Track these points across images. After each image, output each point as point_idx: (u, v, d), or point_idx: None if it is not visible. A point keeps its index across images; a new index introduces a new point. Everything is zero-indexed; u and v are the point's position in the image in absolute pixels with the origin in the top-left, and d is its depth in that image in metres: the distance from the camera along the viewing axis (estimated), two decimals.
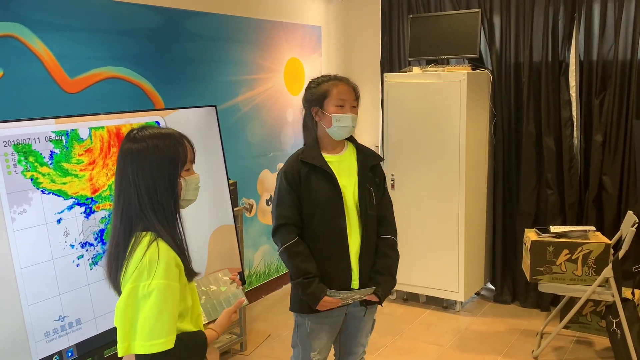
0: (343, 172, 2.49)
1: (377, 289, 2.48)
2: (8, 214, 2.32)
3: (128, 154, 1.70)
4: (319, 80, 2.54)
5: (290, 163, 2.52)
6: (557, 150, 4.44)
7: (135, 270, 1.61)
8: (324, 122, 2.48)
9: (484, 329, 4.29)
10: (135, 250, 1.65)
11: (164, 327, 1.59)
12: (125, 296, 1.60)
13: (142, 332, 1.58)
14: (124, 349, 1.60)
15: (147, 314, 1.58)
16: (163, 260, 1.62)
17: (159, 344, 1.58)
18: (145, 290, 1.59)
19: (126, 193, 1.69)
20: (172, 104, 3.86)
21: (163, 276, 1.60)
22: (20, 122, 2.43)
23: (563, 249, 3.60)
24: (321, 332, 2.55)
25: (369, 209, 2.49)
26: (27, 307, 2.36)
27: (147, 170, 1.68)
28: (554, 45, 4.39)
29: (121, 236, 1.69)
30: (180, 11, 3.97)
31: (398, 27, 5.13)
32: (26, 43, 3.08)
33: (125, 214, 1.69)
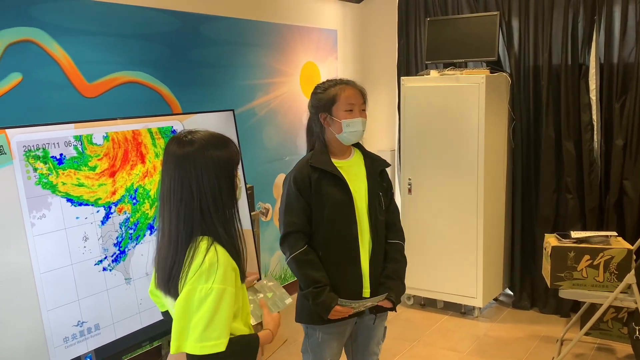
0: (353, 178, 2.44)
1: (390, 295, 2.42)
2: (28, 219, 2.32)
3: (189, 157, 1.68)
4: (325, 86, 2.48)
5: (299, 168, 2.46)
6: (577, 154, 4.39)
7: (195, 273, 1.63)
8: (333, 128, 2.42)
9: (503, 335, 4.24)
10: (196, 254, 1.66)
11: (216, 330, 1.61)
12: (183, 297, 1.63)
13: (195, 333, 1.61)
14: (176, 347, 1.64)
15: (201, 316, 1.61)
16: (222, 264, 1.65)
17: (209, 346, 1.61)
18: (203, 293, 1.62)
19: (188, 197, 1.67)
20: (189, 109, 3.86)
21: (221, 281, 1.63)
22: (40, 127, 2.43)
23: (584, 254, 3.55)
24: (332, 341, 2.51)
25: (379, 214, 2.46)
26: (47, 313, 2.35)
27: (211, 173, 1.68)
28: (573, 47, 4.34)
29: (182, 241, 1.68)
30: (197, 15, 3.97)
31: (415, 30, 5.10)
32: (45, 48, 3.09)
33: (188, 218, 1.68)
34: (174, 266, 1.68)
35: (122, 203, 2.67)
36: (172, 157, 1.70)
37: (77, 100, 3.23)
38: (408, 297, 4.74)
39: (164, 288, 1.74)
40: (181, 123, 3.02)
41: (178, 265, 1.67)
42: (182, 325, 1.63)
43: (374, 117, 5.43)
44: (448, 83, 4.38)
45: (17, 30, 2.95)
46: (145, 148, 2.80)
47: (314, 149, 2.52)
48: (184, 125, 3.04)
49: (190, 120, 3.08)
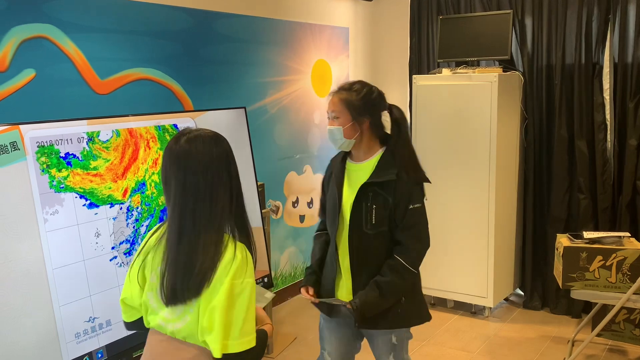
0: (352, 183, 2.37)
1: (353, 300, 2.30)
2: (40, 214, 2.33)
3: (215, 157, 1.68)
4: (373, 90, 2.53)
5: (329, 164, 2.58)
6: (590, 154, 4.35)
7: (231, 268, 1.62)
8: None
9: (513, 335, 4.22)
10: (223, 250, 1.65)
11: (252, 323, 1.64)
12: (224, 296, 1.60)
13: (236, 330, 1.61)
14: (220, 348, 1.60)
15: (239, 312, 1.61)
16: (250, 258, 1.68)
17: (247, 341, 1.62)
18: (239, 288, 1.62)
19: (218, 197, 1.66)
20: (200, 106, 3.87)
21: (251, 274, 1.66)
22: (53, 123, 2.44)
23: (597, 255, 3.52)
24: (330, 335, 2.52)
25: (364, 226, 2.31)
26: (59, 308, 2.37)
27: (232, 171, 1.71)
28: (587, 47, 4.30)
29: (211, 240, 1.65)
30: (209, 13, 3.98)
31: (427, 28, 5.08)
32: (58, 44, 3.10)
33: (217, 217, 1.66)
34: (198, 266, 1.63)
35: (134, 197, 2.68)
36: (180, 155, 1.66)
37: (90, 97, 3.25)
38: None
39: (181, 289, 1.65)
40: (194, 120, 3.02)
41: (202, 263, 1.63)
42: (226, 324, 1.60)
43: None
44: (460, 82, 4.36)
45: (30, 26, 2.97)
46: (155, 144, 2.81)
47: None
48: (195, 122, 3.04)
49: (203, 117, 3.09)
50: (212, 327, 1.61)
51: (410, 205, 2.32)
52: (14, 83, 2.91)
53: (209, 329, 1.62)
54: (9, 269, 2.23)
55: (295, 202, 4.90)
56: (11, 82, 2.90)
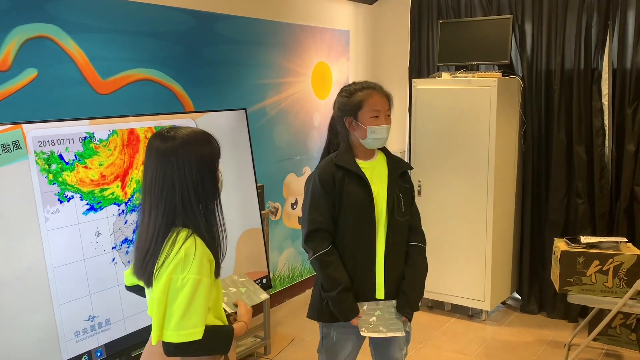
0: (375, 179, 2.45)
1: (406, 309, 2.44)
2: (42, 213, 2.35)
3: (171, 151, 1.74)
4: (351, 89, 2.46)
5: (323, 167, 2.45)
6: (588, 159, 4.37)
7: (171, 263, 1.69)
8: (358, 133, 2.42)
9: (510, 339, 4.24)
10: (174, 244, 1.72)
11: (192, 319, 1.68)
12: (160, 288, 1.69)
13: (171, 322, 1.68)
14: (156, 337, 1.70)
15: (177, 306, 1.68)
16: (198, 255, 1.71)
17: (185, 334, 1.67)
18: (179, 283, 1.68)
19: (170, 189, 1.74)
20: (201, 107, 3.88)
21: (196, 271, 1.69)
22: (55, 123, 2.46)
23: (594, 260, 3.54)
24: (347, 342, 2.50)
25: (397, 215, 2.45)
26: (59, 307, 2.38)
27: (193, 166, 1.76)
28: (586, 52, 4.33)
29: (161, 231, 1.74)
30: (211, 14, 3.99)
31: (427, 33, 5.10)
32: (60, 44, 3.11)
33: (168, 210, 1.75)
34: (150, 255, 1.74)
35: (135, 197, 2.69)
36: (155, 151, 1.77)
37: (91, 97, 3.26)
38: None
39: (139, 275, 1.81)
40: (194, 121, 3.04)
41: (154, 254, 1.74)
42: (161, 315, 1.69)
43: None
44: (460, 86, 4.38)
45: (33, 26, 2.98)
46: None
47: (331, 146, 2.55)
48: (196, 123, 3.05)
49: (203, 118, 3.10)
50: (152, 316, 1.73)
51: (414, 193, 2.60)
52: (16, 82, 2.92)
53: (151, 316, 1.74)
54: (10, 268, 2.24)
55: (294, 204, 4.91)
56: (13, 81, 2.91)
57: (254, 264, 3.42)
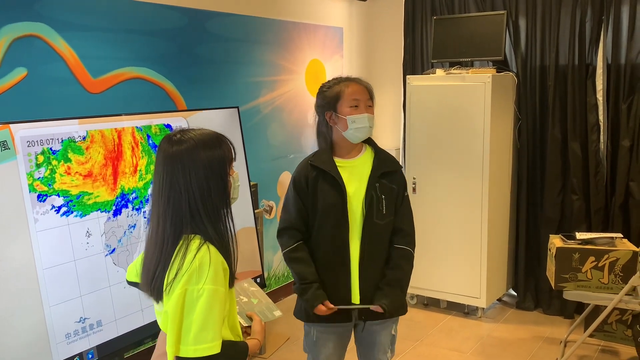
0: (354, 178, 2.37)
1: (382, 301, 2.34)
2: (31, 214, 2.32)
3: (176, 156, 1.65)
4: (330, 84, 2.44)
5: (299, 168, 2.44)
6: (583, 155, 4.36)
7: (185, 273, 1.59)
8: (339, 126, 2.37)
9: (506, 335, 4.23)
10: (186, 253, 1.62)
11: (209, 332, 1.58)
12: (175, 300, 1.59)
13: (188, 337, 1.58)
14: (172, 352, 1.60)
15: (195, 319, 1.58)
16: (213, 264, 1.61)
17: (203, 348, 1.57)
18: (195, 294, 1.58)
19: (177, 196, 1.65)
20: (193, 105, 3.85)
21: (212, 281, 1.59)
22: (44, 122, 2.43)
23: (589, 256, 3.53)
24: (328, 342, 2.48)
25: (375, 217, 2.35)
26: (49, 308, 2.35)
27: (200, 172, 1.65)
28: (580, 48, 4.31)
29: (170, 240, 1.64)
30: (203, 12, 3.96)
31: (421, 29, 5.08)
32: (50, 43, 3.08)
33: (176, 218, 1.65)
34: (160, 268, 1.64)
35: (125, 199, 2.67)
36: (162, 156, 1.68)
37: (82, 96, 3.23)
38: (411, 296, 4.73)
39: (147, 288, 1.70)
40: (186, 119, 3.01)
41: (163, 264, 1.64)
42: (177, 330, 1.59)
43: (379, 115, 5.40)
44: (454, 82, 4.36)
45: (22, 25, 2.95)
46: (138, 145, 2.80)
47: None
48: (188, 121, 3.03)
49: (195, 117, 3.07)
50: (166, 330, 1.62)
51: (406, 193, 2.47)
52: (5, 82, 2.89)
53: (165, 331, 1.64)
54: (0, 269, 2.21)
55: None
56: (2, 80, 2.88)
57: (248, 263, 3.40)
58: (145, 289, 1.72)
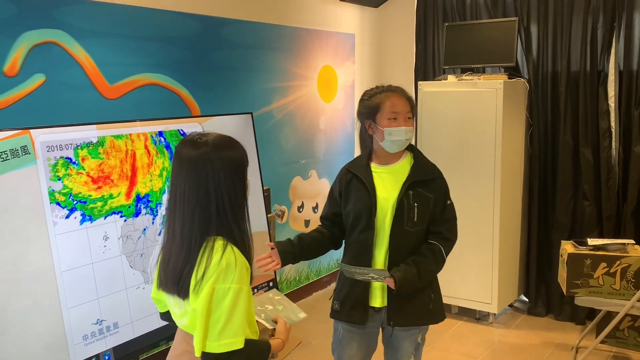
0: (388, 184, 2.42)
1: (395, 272, 2.30)
2: (50, 217, 2.36)
3: (204, 158, 1.69)
4: (371, 92, 2.48)
5: (340, 172, 2.55)
6: (595, 162, 4.36)
7: (214, 273, 1.65)
8: (377, 136, 2.42)
9: (517, 341, 4.23)
10: (212, 254, 1.67)
11: (233, 328, 1.65)
12: (204, 299, 1.64)
13: (213, 332, 1.64)
14: (199, 348, 1.66)
15: (219, 316, 1.64)
16: (239, 264, 1.67)
17: (227, 343, 1.64)
18: (221, 293, 1.64)
19: (205, 197, 1.69)
20: (207, 111, 3.89)
21: (238, 280, 1.66)
22: (63, 128, 2.48)
23: (601, 262, 3.53)
24: (352, 342, 2.51)
25: (405, 224, 2.39)
26: (67, 311, 2.39)
27: (227, 173, 1.70)
28: (592, 54, 4.32)
29: (197, 241, 1.69)
30: (217, 19, 4.01)
31: (433, 35, 5.11)
32: (68, 50, 3.13)
33: (203, 218, 1.69)
34: (186, 266, 1.69)
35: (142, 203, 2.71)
36: (187, 159, 1.71)
37: (99, 102, 3.28)
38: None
39: (172, 289, 1.75)
40: (201, 125, 3.06)
41: (190, 265, 1.68)
42: (204, 327, 1.65)
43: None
44: (466, 88, 4.38)
45: (41, 32, 3.01)
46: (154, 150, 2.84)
47: None
48: (203, 127, 3.07)
49: (210, 122, 3.12)
50: (193, 328, 1.69)
51: (448, 201, 2.50)
52: (24, 88, 2.94)
53: (191, 329, 1.70)
54: (19, 272, 2.26)
55: (300, 207, 4.92)
56: (21, 86, 2.94)
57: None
58: (169, 289, 1.75)
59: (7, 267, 2.22)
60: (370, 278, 2.34)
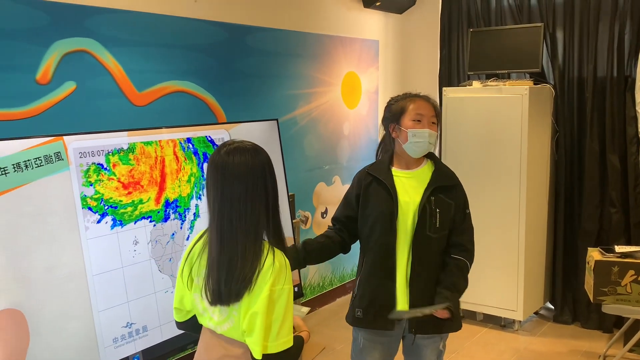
0: (410, 189, 2.43)
1: (445, 301, 2.32)
2: (82, 222, 2.41)
3: (250, 165, 1.75)
4: (397, 97, 2.52)
5: (359, 173, 2.55)
6: (622, 168, 4.32)
7: (270, 275, 1.71)
8: (400, 138, 2.44)
9: (543, 349, 4.19)
10: (260, 257, 1.73)
11: (287, 327, 1.73)
12: (264, 301, 1.70)
13: (273, 333, 1.71)
14: (260, 351, 1.71)
15: (277, 316, 1.71)
16: (287, 265, 1.76)
17: (283, 342, 1.72)
18: (276, 294, 1.71)
19: (255, 204, 1.74)
20: (233, 117, 3.94)
21: (289, 281, 1.74)
22: (95, 135, 2.53)
23: (629, 269, 3.50)
24: (374, 351, 2.51)
25: (428, 229, 2.39)
26: (98, 314, 2.44)
27: (268, 181, 1.78)
28: (619, 60, 4.28)
29: (249, 247, 1.73)
30: (243, 27, 4.06)
31: (457, 41, 5.10)
32: (98, 58, 3.20)
33: (254, 224, 1.74)
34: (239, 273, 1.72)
35: (170, 209, 2.75)
36: (230, 167, 1.74)
37: (128, 109, 3.34)
38: None
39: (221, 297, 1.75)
40: (228, 132, 3.09)
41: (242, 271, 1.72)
42: (266, 328, 1.70)
43: None
44: (491, 94, 4.37)
45: (72, 40, 3.08)
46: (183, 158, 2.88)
47: None
48: (230, 134, 3.11)
49: (236, 129, 3.15)
50: (252, 330, 1.72)
51: (467, 210, 2.52)
52: (56, 95, 3.01)
53: (249, 332, 1.73)
54: (52, 275, 2.30)
55: (324, 213, 4.94)
56: (53, 94, 3.01)
57: None
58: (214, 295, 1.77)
59: (40, 270, 2.27)
60: (421, 313, 2.35)
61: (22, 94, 2.89)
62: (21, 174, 2.24)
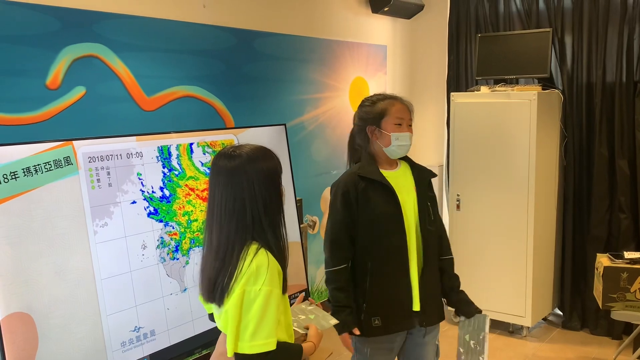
0: (402, 188, 2.47)
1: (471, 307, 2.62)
2: (91, 227, 2.42)
3: (239, 169, 1.78)
4: (373, 99, 2.54)
5: (345, 179, 2.49)
6: (631, 173, 4.30)
7: (244, 276, 1.72)
8: (381, 141, 2.46)
9: (551, 356, 4.17)
10: (244, 258, 1.75)
11: (265, 330, 1.71)
12: (234, 301, 1.72)
13: (246, 334, 1.71)
14: (232, 349, 1.73)
15: (251, 317, 1.71)
16: (270, 267, 1.74)
17: (259, 345, 1.70)
18: (252, 295, 1.71)
19: (240, 207, 1.77)
20: (241, 122, 3.95)
21: (269, 283, 1.72)
22: (104, 140, 2.54)
23: (638, 275, 3.47)
24: (380, 357, 2.52)
25: (428, 224, 2.48)
26: (106, 317, 2.45)
27: (261, 182, 1.79)
28: (628, 65, 4.27)
29: (235, 248, 1.77)
30: (251, 32, 4.07)
31: (465, 46, 5.10)
32: (107, 63, 3.22)
33: (240, 227, 1.77)
34: (221, 273, 1.76)
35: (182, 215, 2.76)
36: (223, 170, 1.80)
37: (137, 113, 3.36)
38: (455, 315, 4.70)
39: (207, 296, 1.83)
40: (236, 137, 3.10)
41: (225, 272, 1.75)
42: (235, 328, 1.71)
43: (422, 132, 5.44)
44: (499, 99, 4.36)
45: (82, 45, 3.09)
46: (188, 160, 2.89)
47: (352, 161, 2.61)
48: (238, 138, 3.12)
49: (244, 134, 3.16)
50: (226, 328, 1.76)
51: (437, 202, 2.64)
52: (65, 100, 3.03)
53: (225, 329, 1.77)
54: (61, 279, 2.32)
55: None
56: (63, 99, 3.02)
57: (294, 277, 3.45)
58: (208, 296, 1.83)
59: (49, 274, 2.29)
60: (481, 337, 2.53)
61: (32, 98, 2.91)
62: (31, 178, 2.26)
